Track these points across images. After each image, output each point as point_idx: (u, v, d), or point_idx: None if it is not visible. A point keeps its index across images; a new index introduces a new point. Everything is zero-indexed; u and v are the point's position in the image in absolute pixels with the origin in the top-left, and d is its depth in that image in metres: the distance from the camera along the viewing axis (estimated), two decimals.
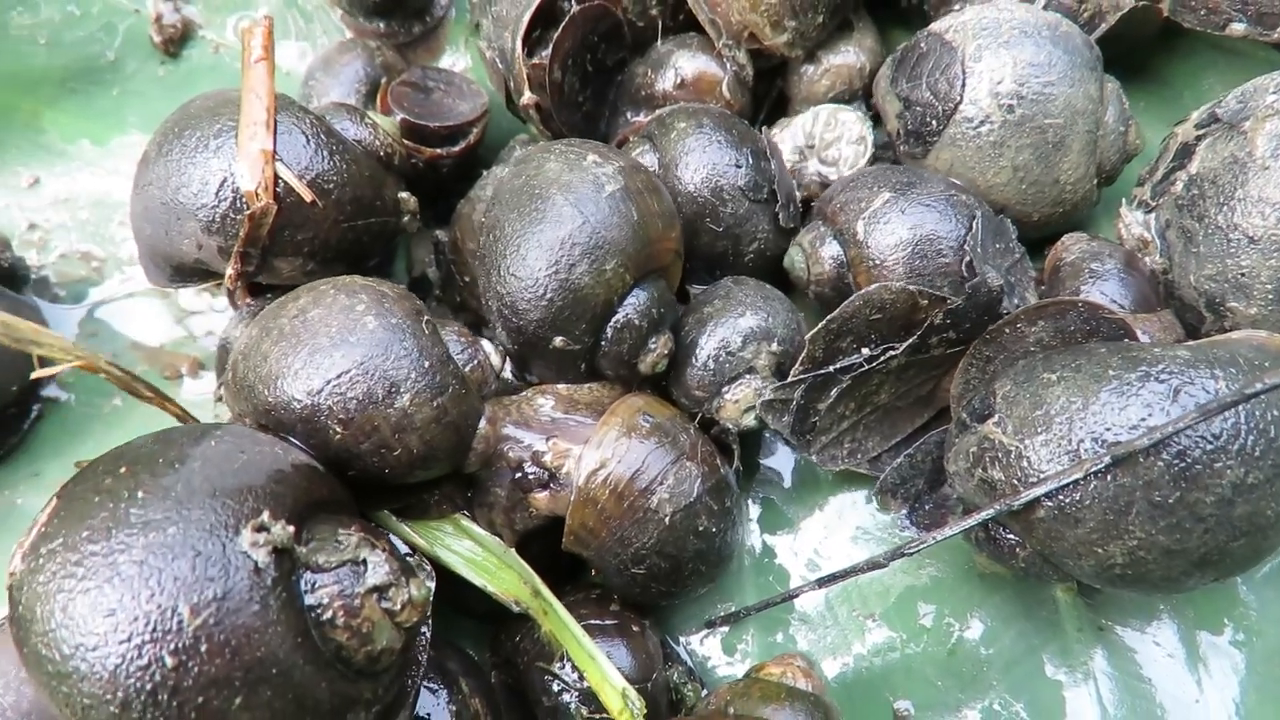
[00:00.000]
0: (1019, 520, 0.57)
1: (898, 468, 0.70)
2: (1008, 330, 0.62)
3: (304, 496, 0.48)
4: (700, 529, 0.62)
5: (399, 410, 0.53)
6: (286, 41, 0.87)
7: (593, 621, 0.63)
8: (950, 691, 0.67)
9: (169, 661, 0.40)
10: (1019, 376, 0.59)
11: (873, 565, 0.61)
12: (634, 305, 0.61)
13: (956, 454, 0.61)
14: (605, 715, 0.60)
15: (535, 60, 0.74)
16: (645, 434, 0.61)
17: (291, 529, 0.45)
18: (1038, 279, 0.72)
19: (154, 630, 0.40)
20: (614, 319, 0.60)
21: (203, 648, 0.40)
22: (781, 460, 0.74)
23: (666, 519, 0.60)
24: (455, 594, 0.66)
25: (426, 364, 0.54)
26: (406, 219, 0.71)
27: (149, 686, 0.40)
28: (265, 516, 0.44)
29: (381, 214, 0.68)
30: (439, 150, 0.77)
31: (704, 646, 0.70)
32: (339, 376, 0.52)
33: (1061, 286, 0.70)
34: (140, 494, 0.43)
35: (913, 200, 0.67)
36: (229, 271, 0.64)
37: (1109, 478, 0.52)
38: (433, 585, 0.56)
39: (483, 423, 0.59)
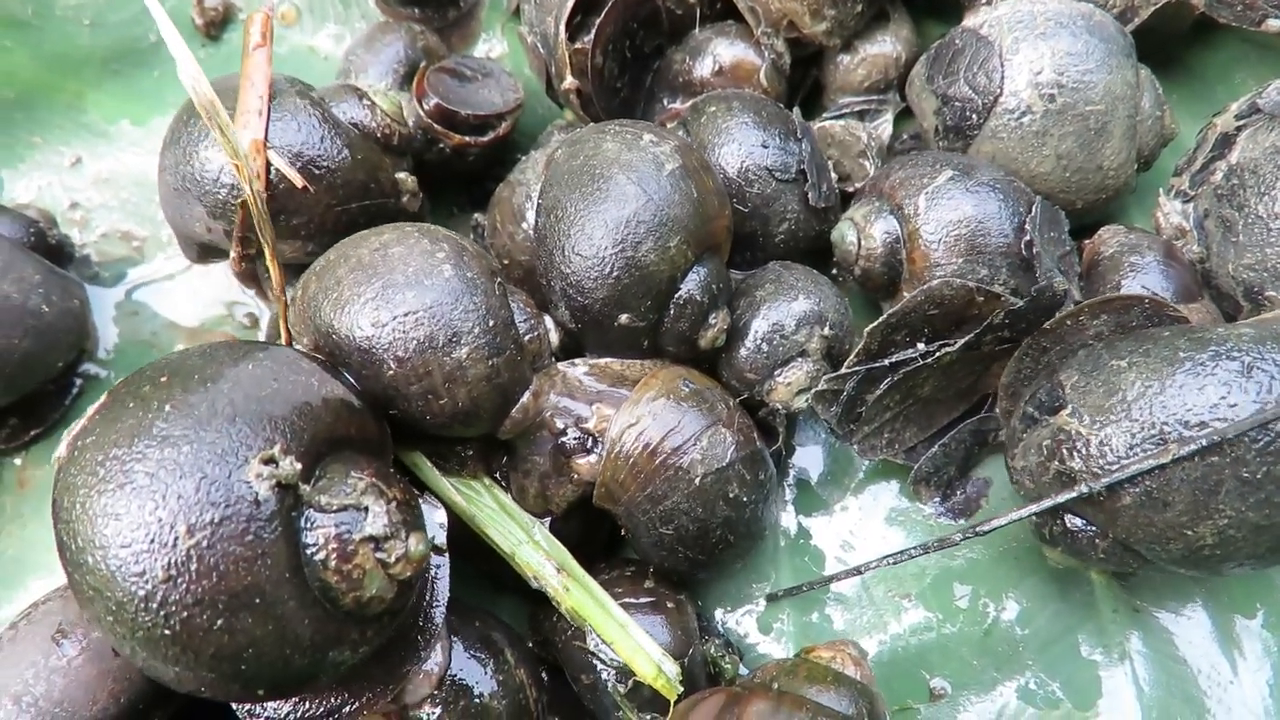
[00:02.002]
0: (1102, 509, 0.58)
1: (932, 457, 0.72)
2: (1069, 322, 0.63)
3: (325, 432, 0.49)
4: (731, 495, 0.62)
5: (455, 360, 0.55)
6: (325, 25, 0.88)
7: (628, 600, 0.64)
8: (986, 670, 0.68)
9: (160, 574, 0.42)
10: (1085, 366, 0.60)
11: (944, 543, 0.62)
12: (695, 281, 0.62)
13: (1025, 449, 0.62)
14: (639, 685, 0.61)
15: (577, 45, 0.75)
16: (683, 397, 0.62)
17: (299, 466, 0.46)
18: (1079, 272, 0.73)
19: (151, 542, 0.42)
20: (677, 295, 0.62)
21: (193, 567, 0.42)
22: (816, 443, 0.76)
23: (697, 479, 0.61)
24: (494, 568, 0.67)
25: (491, 323, 0.56)
26: (406, 199, 0.73)
27: (141, 593, 0.42)
28: (276, 450, 0.45)
29: (377, 196, 0.70)
30: (467, 138, 0.79)
31: (740, 625, 0.71)
32: (406, 315, 0.54)
33: (1101, 280, 0.71)
34: (168, 407, 0.45)
35: (976, 180, 0.68)
36: (232, 253, 0.68)
37: (1197, 458, 0.54)
38: (444, 534, 0.58)
39: (527, 394, 0.61)
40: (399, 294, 0.54)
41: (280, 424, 0.46)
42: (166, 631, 0.42)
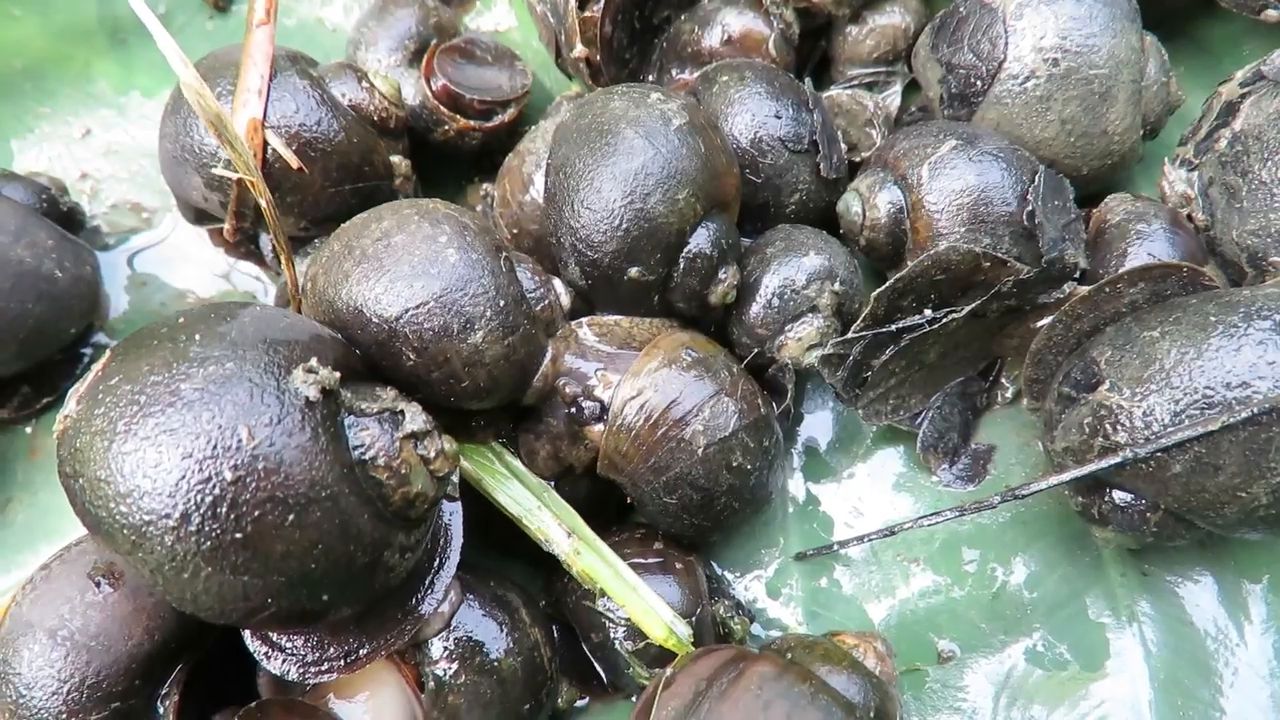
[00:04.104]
0: (1152, 480, 0.60)
1: (931, 421, 0.75)
2: (1106, 290, 0.65)
3: (341, 359, 0.52)
4: (734, 464, 0.65)
5: (471, 346, 0.57)
6: None
7: (637, 560, 0.67)
8: (994, 633, 0.71)
9: (228, 476, 0.44)
10: (1117, 340, 0.62)
11: (981, 506, 0.65)
12: (705, 235, 0.64)
13: (1066, 429, 0.64)
14: (648, 644, 0.64)
15: (587, 14, 0.78)
16: (686, 366, 0.64)
17: (338, 374, 0.49)
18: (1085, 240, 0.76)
19: (214, 447, 0.44)
20: (686, 249, 0.64)
21: (260, 465, 0.44)
22: (824, 411, 0.78)
23: (699, 450, 0.63)
24: (506, 534, 0.70)
25: (501, 303, 0.58)
26: (399, 182, 0.76)
27: (208, 500, 0.44)
28: (314, 361, 0.48)
29: (370, 178, 0.73)
30: (471, 123, 0.81)
31: (749, 590, 0.74)
32: (418, 307, 0.56)
33: (1108, 248, 0.74)
34: (198, 336, 0.48)
35: (980, 149, 0.70)
36: (226, 225, 0.72)
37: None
38: (456, 479, 0.61)
39: (546, 360, 0.63)
40: (407, 287, 0.56)
41: (305, 345, 0.50)
42: (238, 535, 0.44)
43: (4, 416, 0.78)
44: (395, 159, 0.76)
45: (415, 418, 0.51)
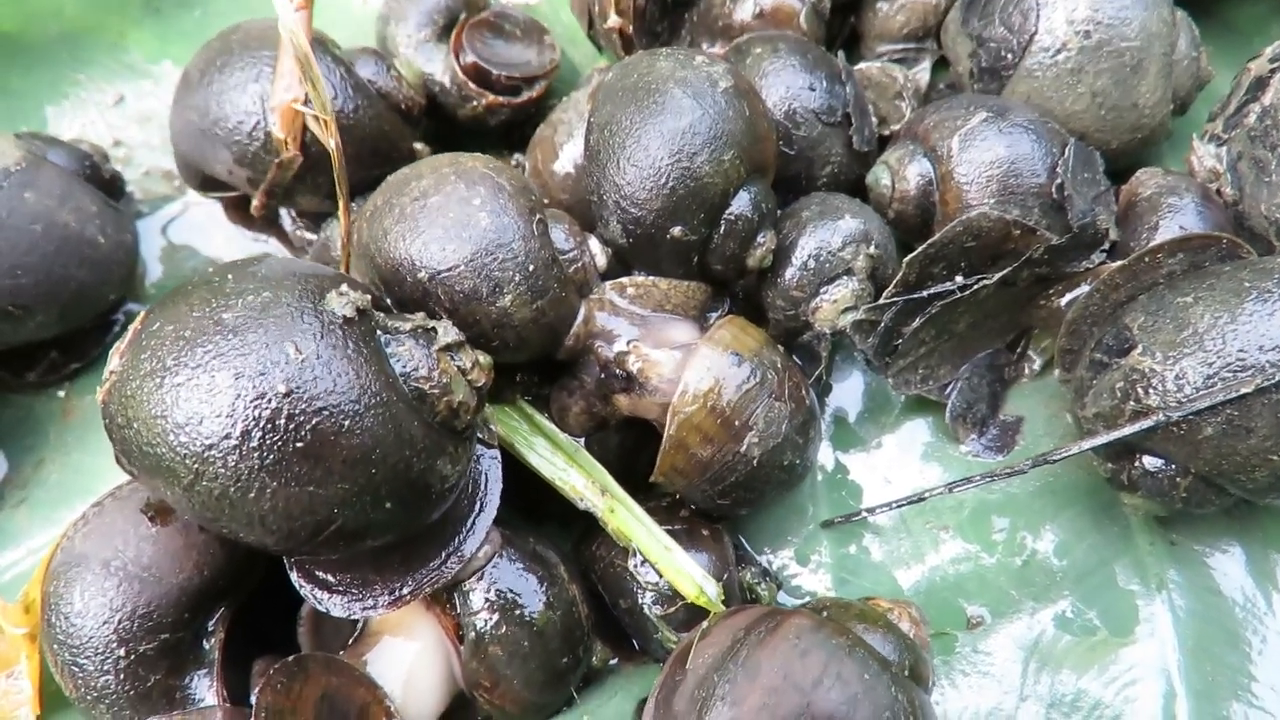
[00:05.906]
0: (1184, 443, 0.63)
1: (960, 392, 0.78)
2: (1145, 260, 0.68)
3: (366, 292, 0.55)
4: (785, 463, 0.68)
5: (499, 309, 0.60)
6: None
7: (665, 527, 0.69)
8: (1023, 600, 0.74)
9: (281, 389, 0.47)
10: (1150, 306, 0.65)
11: (1011, 471, 0.68)
12: (746, 198, 0.67)
13: (1097, 395, 0.67)
14: (682, 603, 0.67)
15: None
16: (736, 379, 0.65)
17: (369, 296, 0.52)
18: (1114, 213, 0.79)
19: (264, 364, 0.47)
20: (728, 211, 0.67)
21: (310, 375, 0.47)
22: (854, 381, 0.81)
23: (755, 460, 0.66)
24: (533, 502, 0.73)
25: (531, 268, 0.61)
26: None
27: (266, 413, 0.47)
28: (344, 286, 0.52)
29: (395, 163, 0.76)
30: (499, 98, 0.85)
31: (778, 557, 0.77)
32: (449, 270, 0.59)
33: (1139, 221, 0.77)
34: (230, 277, 0.51)
35: (1010, 121, 0.73)
36: (255, 202, 0.76)
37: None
38: (494, 429, 0.64)
39: (579, 320, 0.66)
40: (440, 249, 0.59)
41: (332, 279, 0.53)
42: (298, 444, 0.47)
43: (30, 380, 0.81)
44: (418, 145, 0.80)
45: (448, 331, 0.55)
